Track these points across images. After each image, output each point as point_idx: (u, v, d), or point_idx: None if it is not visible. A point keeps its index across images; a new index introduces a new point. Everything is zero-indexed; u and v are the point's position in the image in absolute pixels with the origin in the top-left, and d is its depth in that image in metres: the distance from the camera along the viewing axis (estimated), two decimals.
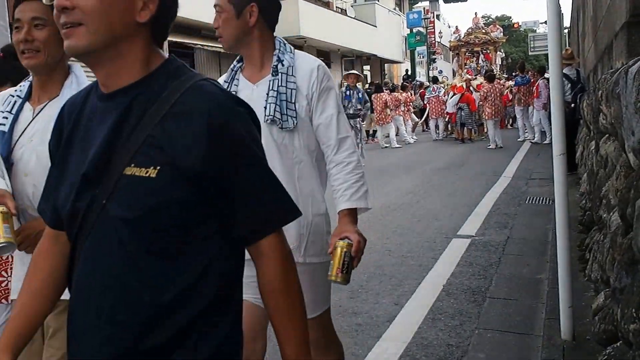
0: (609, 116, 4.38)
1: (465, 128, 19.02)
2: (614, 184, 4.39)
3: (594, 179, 6.36)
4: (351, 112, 14.49)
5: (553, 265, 5.37)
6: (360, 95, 14.82)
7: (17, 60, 2.68)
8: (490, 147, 16.59)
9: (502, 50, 35.88)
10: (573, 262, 4.44)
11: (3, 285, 2.57)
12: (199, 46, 21.13)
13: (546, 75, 23.83)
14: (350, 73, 15.45)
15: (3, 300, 2.58)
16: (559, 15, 4.05)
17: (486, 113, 17.16)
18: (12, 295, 2.53)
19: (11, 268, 2.54)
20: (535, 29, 60.51)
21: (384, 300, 4.94)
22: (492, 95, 17.00)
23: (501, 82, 17.40)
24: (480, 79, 21.22)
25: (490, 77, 17.84)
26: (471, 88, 19.36)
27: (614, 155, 4.79)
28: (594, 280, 4.62)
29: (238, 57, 2.69)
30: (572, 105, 9.83)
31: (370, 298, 5.00)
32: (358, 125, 14.66)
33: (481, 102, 17.79)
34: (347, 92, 14.66)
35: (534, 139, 17.00)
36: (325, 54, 31.60)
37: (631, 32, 4.42)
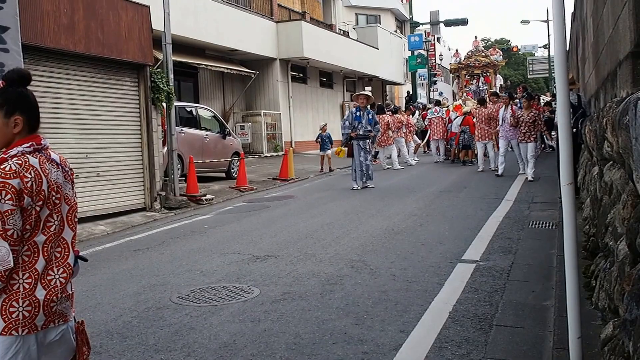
0: (615, 145, 4.40)
1: (468, 150, 19.06)
2: (620, 212, 4.40)
3: (598, 204, 6.37)
4: (361, 132, 14.52)
5: (559, 292, 5.38)
6: (370, 116, 14.82)
7: (21, 86, 2.71)
8: (479, 170, 16.62)
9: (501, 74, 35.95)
10: (579, 289, 4.43)
11: (14, 316, 2.56)
12: (203, 66, 21.24)
13: (542, 99, 24.01)
14: (360, 94, 15.38)
15: (14, 332, 2.56)
16: (564, 44, 4.07)
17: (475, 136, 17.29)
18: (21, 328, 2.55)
19: (22, 298, 2.55)
20: (533, 52, 61.01)
21: (390, 327, 4.92)
22: (479, 118, 16.95)
23: (488, 105, 17.17)
24: (471, 102, 21.29)
25: (480, 101, 17.91)
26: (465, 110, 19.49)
27: (619, 182, 4.80)
28: (601, 309, 4.62)
29: None
30: (574, 130, 9.86)
31: (376, 325, 4.99)
32: (368, 147, 14.68)
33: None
34: (358, 113, 14.67)
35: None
36: (328, 74, 31.77)
37: (636, 62, 4.45)
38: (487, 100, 18.28)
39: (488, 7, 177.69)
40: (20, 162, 2.55)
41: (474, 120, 17.76)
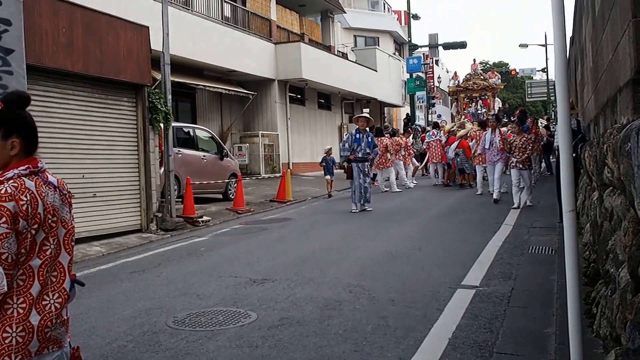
0: (616, 171, 4.37)
1: (463, 174, 19.05)
2: (622, 239, 4.36)
3: (599, 230, 6.33)
4: (360, 155, 14.50)
5: (560, 319, 5.32)
6: (370, 139, 14.81)
7: (20, 108, 2.68)
8: (478, 193, 16.57)
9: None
10: (580, 316, 4.38)
11: (7, 341, 2.51)
12: (201, 87, 21.29)
13: (540, 123, 24.05)
14: (360, 116, 15.36)
15: (6, 358, 2.52)
16: (565, 69, 4.06)
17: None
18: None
19: (16, 324, 2.50)
20: (532, 76, 61.31)
21: (389, 353, 4.85)
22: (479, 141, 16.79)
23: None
24: (469, 125, 21.30)
25: (481, 124, 17.93)
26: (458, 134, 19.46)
27: (620, 209, 4.77)
28: (602, 337, 4.56)
29: None
30: (574, 155, 9.84)
31: (375, 351, 4.92)
32: (367, 170, 14.66)
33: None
34: (357, 136, 14.65)
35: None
36: (326, 96, 31.84)
37: (637, 90, 4.43)
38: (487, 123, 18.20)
39: (487, 31, 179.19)
40: (16, 184, 2.53)
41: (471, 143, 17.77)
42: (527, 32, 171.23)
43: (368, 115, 16.11)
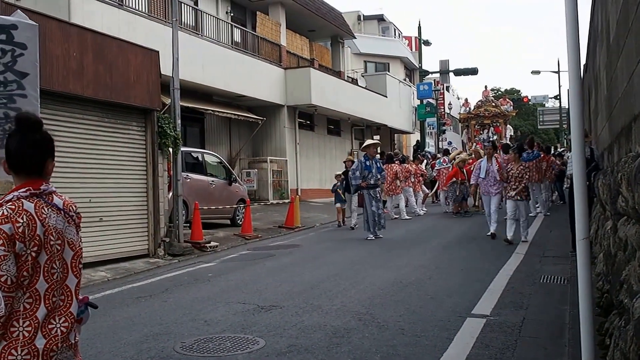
0: (631, 200, 4.29)
1: (464, 201, 18.99)
2: (636, 269, 4.27)
3: (612, 260, 6.22)
4: (372, 182, 14.46)
5: (573, 350, 5.21)
6: (379, 165, 14.85)
7: (26, 130, 2.67)
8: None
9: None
10: (594, 347, 4.28)
11: None
12: (210, 111, 21.33)
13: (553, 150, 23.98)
14: (372, 144, 15.28)
15: None
16: (581, 97, 4.00)
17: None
18: None
19: (21, 346, 2.50)
20: (544, 103, 61.15)
21: None
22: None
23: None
24: (464, 155, 21.17)
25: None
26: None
27: (635, 238, 4.67)
28: None
29: None
30: (587, 183, 9.74)
31: None
32: (378, 195, 14.65)
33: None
34: (367, 163, 14.62)
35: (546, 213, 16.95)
36: (335, 122, 31.86)
37: None
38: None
39: (498, 57, 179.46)
40: (13, 207, 2.54)
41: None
42: (540, 59, 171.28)
43: (379, 141, 16.08)
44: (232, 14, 24.56)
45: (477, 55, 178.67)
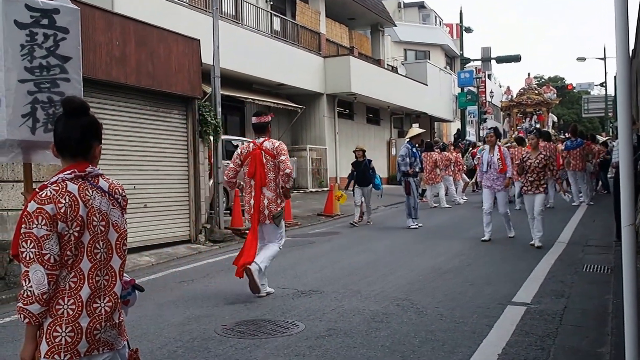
0: None
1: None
2: None
3: None
4: (417, 170, 14.47)
5: (616, 339, 5.15)
6: (420, 153, 14.98)
7: (80, 116, 2.73)
8: (517, 208, 15.95)
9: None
10: (638, 337, 4.23)
11: (57, 340, 2.58)
12: (250, 100, 21.42)
13: (600, 138, 23.54)
14: (417, 133, 15.24)
15: (56, 356, 2.56)
16: (629, 82, 3.94)
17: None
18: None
19: (66, 324, 2.57)
20: (589, 90, 59.79)
21: None
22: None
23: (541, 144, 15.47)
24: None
25: (518, 140, 17.42)
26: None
27: None
28: None
29: None
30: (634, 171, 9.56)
31: None
32: (417, 185, 14.86)
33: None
34: (414, 150, 14.58)
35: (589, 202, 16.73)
36: (375, 110, 31.76)
37: None
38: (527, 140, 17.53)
39: (542, 44, 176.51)
40: (57, 188, 2.62)
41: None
42: (585, 45, 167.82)
43: (424, 129, 16.10)
44: (272, 3, 24.57)
45: (520, 42, 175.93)
